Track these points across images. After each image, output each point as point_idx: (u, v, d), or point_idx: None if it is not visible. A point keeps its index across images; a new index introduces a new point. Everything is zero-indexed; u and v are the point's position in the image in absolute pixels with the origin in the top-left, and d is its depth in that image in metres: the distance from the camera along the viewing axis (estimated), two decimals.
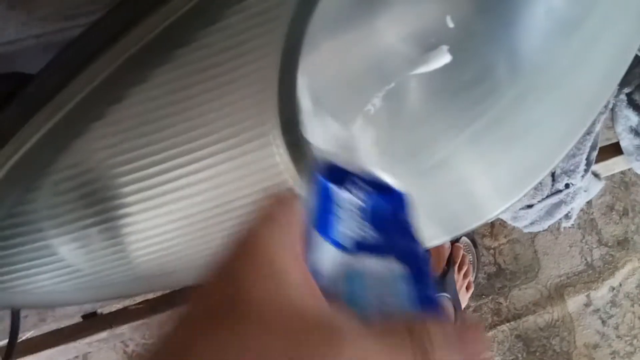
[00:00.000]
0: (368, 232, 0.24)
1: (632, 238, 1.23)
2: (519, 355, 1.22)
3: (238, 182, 0.34)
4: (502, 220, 0.95)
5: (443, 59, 0.33)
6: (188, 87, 0.32)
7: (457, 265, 1.11)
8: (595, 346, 1.24)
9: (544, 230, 1.20)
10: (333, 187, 0.25)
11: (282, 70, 0.32)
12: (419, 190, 0.41)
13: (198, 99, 0.32)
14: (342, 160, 0.27)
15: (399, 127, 0.38)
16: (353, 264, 0.23)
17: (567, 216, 0.66)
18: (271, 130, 0.33)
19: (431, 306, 0.22)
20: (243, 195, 0.34)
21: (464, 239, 1.16)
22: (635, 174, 1.22)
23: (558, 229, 1.20)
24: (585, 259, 1.22)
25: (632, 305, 1.24)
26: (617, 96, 0.60)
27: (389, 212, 0.25)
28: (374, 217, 0.25)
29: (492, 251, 1.18)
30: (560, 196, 0.63)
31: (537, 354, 1.22)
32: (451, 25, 0.33)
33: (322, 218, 0.24)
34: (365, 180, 0.26)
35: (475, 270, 1.17)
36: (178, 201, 0.34)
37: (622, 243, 1.23)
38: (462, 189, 0.42)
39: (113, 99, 0.33)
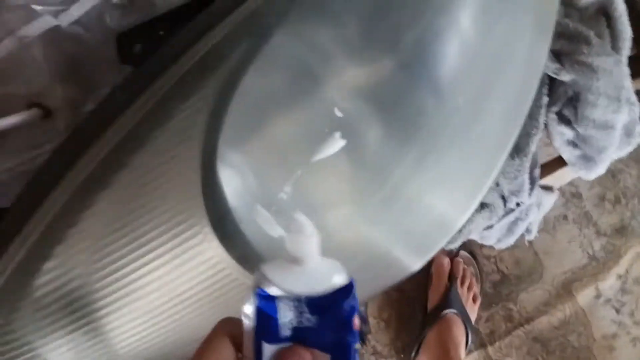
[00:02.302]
0: (308, 321, 0.28)
1: (629, 224, 1.25)
2: (539, 357, 1.23)
3: (183, 277, 0.39)
4: None
5: (337, 144, 0.39)
6: (133, 199, 0.37)
7: (459, 280, 1.14)
8: (614, 336, 1.24)
9: (540, 231, 1.23)
10: (273, 297, 0.28)
11: (203, 172, 0.38)
12: (385, 225, 0.46)
13: (142, 210, 0.38)
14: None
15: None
16: None
17: (527, 230, 0.70)
18: (203, 229, 0.39)
19: None
20: (189, 288, 0.40)
21: (463, 252, 1.18)
22: (620, 161, 1.24)
23: (554, 227, 1.22)
24: (587, 252, 1.23)
25: None
26: (547, 116, 0.65)
27: (330, 303, 0.28)
28: (314, 308, 0.28)
29: (492, 259, 1.21)
30: (515, 214, 0.67)
31: (557, 352, 1.23)
32: (340, 114, 0.39)
33: (265, 323, 0.27)
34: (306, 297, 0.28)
35: (480, 281, 1.19)
36: (142, 299, 0.40)
37: (620, 230, 1.24)
38: (421, 210, 0.48)
39: (70, 222, 0.39)
